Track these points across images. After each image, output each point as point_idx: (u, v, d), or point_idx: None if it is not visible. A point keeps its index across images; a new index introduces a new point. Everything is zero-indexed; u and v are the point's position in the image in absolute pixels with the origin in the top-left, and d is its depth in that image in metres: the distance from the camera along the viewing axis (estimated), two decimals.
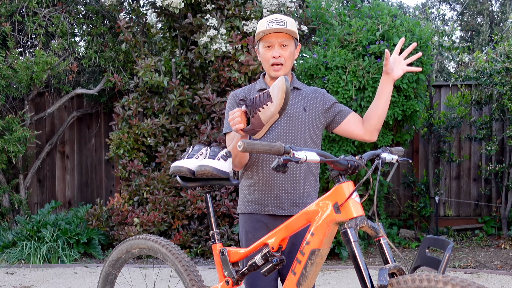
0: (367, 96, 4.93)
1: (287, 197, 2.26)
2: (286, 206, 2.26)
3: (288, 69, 2.29)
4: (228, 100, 2.38)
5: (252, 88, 2.37)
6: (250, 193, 2.31)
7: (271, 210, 2.27)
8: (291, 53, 2.27)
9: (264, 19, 2.25)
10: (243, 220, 2.33)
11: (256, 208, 2.29)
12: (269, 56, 2.25)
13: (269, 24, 2.21)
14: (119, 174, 5.70)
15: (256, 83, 2.40)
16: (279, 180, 2.26)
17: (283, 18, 2.23)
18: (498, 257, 5.30)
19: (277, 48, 2.24)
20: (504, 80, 5.58)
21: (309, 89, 2.39)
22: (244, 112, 1.97)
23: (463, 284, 1.40)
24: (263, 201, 2.27)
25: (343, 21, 5.40)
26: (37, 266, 5.11)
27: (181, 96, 5.47)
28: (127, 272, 4.58)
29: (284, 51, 2.25)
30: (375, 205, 1.66)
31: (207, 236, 5.36)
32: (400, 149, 2.07)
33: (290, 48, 2.26)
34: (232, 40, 5.24)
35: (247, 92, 2.35)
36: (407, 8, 13.31)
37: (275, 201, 2.26)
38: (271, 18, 2.23)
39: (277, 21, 2.20)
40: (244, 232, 2.32)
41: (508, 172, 6.09)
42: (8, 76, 5.61)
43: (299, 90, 2.34)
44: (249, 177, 2.31)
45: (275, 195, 2.26)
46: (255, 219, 2.29)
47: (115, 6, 5.76)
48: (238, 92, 2.37)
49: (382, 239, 1.71)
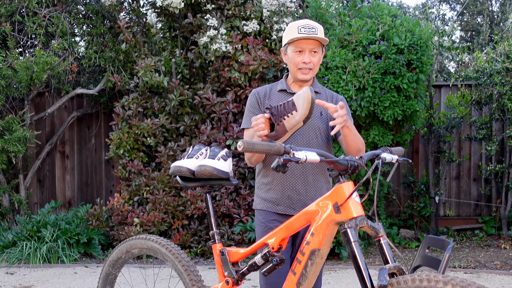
0: (367, 96, 4.93)
1: (299, 198, 2.34)
2: (297, 207, 2.32)
3: (315, 73, 2.38)
4: (249, 97, 2.45)
5: (273, 88, 2.44)
6: (265, 191, 2.40)
7: (282, 210, 2.35)
8: (320, 59, 2.36)
9: (295, 23, 2.31)
10: (259, 214, 2.42)
11: (269, 206, 2.38)
12: (299, 60, 2.32)
13: (301, 29, 2.27)
14: (119, 174, 5.70)
15: (278, 83, 2.47)
16: (292, 181, 2.33)
17: (314, 25, 2.29)
18: (498, 257, 5.30)
19: (308, 54, 2.31)
20: (504, 80, 5.58)
21: (328, 93, 2.47)
22: (268, 119, 2.06)
23: (463, 284, 1.40)
24: (276, 200, 2.35)
25: (343, 21, 5.40)
26: (37, 266, 5.11)
27: (181, 96, 5.47)
28: (127, 272, 4.58)
29: (313, 57, 2.32)
30: (375, 205, 1.66)
31: (207, 236, 5.36)
32: (400, 149, 2.07)
33: (319, 54, 2.34)
34: (232, 40, 5.24)
35: (268, 91, 2.42)
36: (407, 8, 13.31)
37: (287, 201, 2.34)
38: (303, 23, 2.28)
39: (309, 27, 2.27)
40: (260, 224, 2.40)
41: (508, 172, 6.09)
42: (8, 76, 5.60)
43: (318, 94, 2.41)
44: (265, 175, 2.40)
45: (287, 195, 2.34)
46: (269, 214, 2.37)
47: (115, 6, 5.76)
48: (260, 90, 2.44)
49: (382, 239, 1.71)
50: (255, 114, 2.37)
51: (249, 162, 2.36)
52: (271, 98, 2.40)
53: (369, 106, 4.98)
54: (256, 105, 2.40)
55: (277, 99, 2.39)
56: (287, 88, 2.40)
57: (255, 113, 2.38)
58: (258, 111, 2.39)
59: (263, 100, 2.40)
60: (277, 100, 2.38)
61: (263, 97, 2.41)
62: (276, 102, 2.37)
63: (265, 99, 2.40)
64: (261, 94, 2.42)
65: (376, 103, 4.99)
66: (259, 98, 2.41)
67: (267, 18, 5.36)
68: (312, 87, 2.38)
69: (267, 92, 2.42)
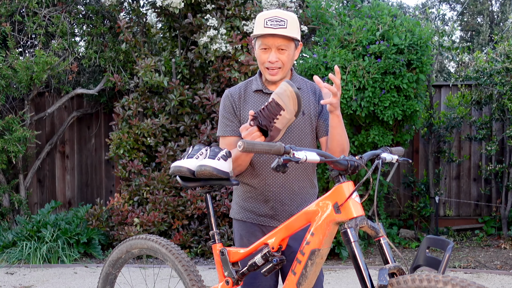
0: (367, 96, 4.93)
1: (283, 209, 2.20)
2: (282, 218, 2.18)
3: (285, 72, 2.14)
4: (222, 99, 2.23)
5: (248, 87, 2.23)
6: (244, 200, 2.24)
7: (265, 221, 2.21)
8: (290, 55, 2.09)
9: (263, 14, 2.06)
10: (238, 225, 2.27)
11: (249, 217, 2.23)
12: (264, 58, 2.09)
13: (267, 22, 2.03)
14: (119, 174, 5.70)
15: (251, 81, 2.24)
16: (276, 191, 2.18)
17: (284, 16, 2.03)
18: (498, 257, 5.30)
19: (274, 52, 2.07)
20: (504, 80, 5.58)
21: (310, 86, 2.25)
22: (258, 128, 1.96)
23: (463, 284, 1.40)
24: (258, 210, 2.21)
25: (343, 21, 5.40)
26: (37, 266, 5.11)
27: (181, 96, 5.47)
28: (127, 272, 4.58)
29: (282, 55, 2.07)
30: (375, 205, 1.66)
31: (207, 236, 5.36)
32: (400, 149, 2.06)
33: (289, 51, 2.08)
34: (232, 40, 5.24)
35: (243, 92, 2.22)
36: (407, 8, 13.32)
37: (271, 212, 2.20)
38: (271, 15, 2.04)
39: (277, 21, 2.01)
40: (239, 236, 2.27)
41: (508, 172, 6.09)
42: (8, 76, 5.60)
43: (299, 90, 2.20)
44: (245, 183, 2.23)
45: (270, 206, 2.19)
46: (250, 224, 2.23)
47: (115, 6, 5.76)
48: (233, 91, 2.23)
49: (382, 239, 1.70)
50: (231, 120, 2.19)
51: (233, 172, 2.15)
52: (247, 100, 2.19)
53: (369, 106, 4.98)
54: (231, 109, 2.19)
55: (254, 101, 2.19)
56: (263, 88, 2.18)
57: (230, 119, 2.19)
58: (234, 116, 2.19)
59: (238, 103, 2.19)
60: (254, 102, 2.18)
61: (238, 100, 2.19)
62: (254, 104, 2.17)
63: (240, 102, 2.19)
64: (235, 96, 2.19)
65: (376, 103, 4.99)
66: (234, 101, 2.19)
67: None
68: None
69: (242, 94, 2.20)
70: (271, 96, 1.97)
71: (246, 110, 2.18)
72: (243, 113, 2.19)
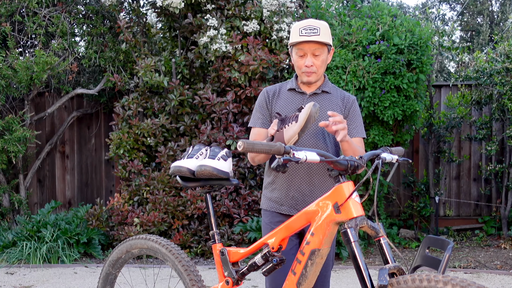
0: (367, 96, 4.93)
1: (303, 199, 2.32)
2: (301, 208, 2.29)
3: (320, 75, 2.35)
4: (259, 95, 2.47)
5: (283, 86, 2.45)
6: (270, 191, 2.40)
7: (286, 210, 2.34)
8: (323, 60, 2.31)
9: (297, 24, 2.27)
10: (264, 215, 2.43)
11: (273, 206, 2.38)
12: (301, 64, 2.30)
13: (302, 31, 2.23)
14: (119, 174, 5.70)
15: (288, 81, 2.46)
16: (298, 182, 2.32)
17: (317, 25, 2.24)
18: (498, 257, 5.30)
19: (310, 57, 2.28)
20: (504, 80, 5.58)
21: (340, 94, 2.43)
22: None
23: (463, 284, 1.40)
24: (280, 200, 2.35)
25: (343, 21, 5.40)
26: (37, 266, 5.11)
27: (181, 96, 5.47)
28: (127, 272, 4.58)
29: (316, 60, 2.29)
30: (375, 205, 1.67)
31: (207, 236, 5.36)
32: (400, 149, 2.07)
33: (322, 56, 2.29)
34: (232, 40, 5.24)
35: (278, 90, 2.43)
36: (407, 8, 13.33)
37: (291, 202, 2.33)
38: (304, 24, 2.24)
39: (310, 29, 2.22)
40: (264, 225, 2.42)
41: (508, 172, 6.09)
42: (8, 76, 5.60)
43: (329, 94, 2.39)
44: (270, 174, 2.40)
45: (291, 196, 2.33)
46: (274, 214, 2.38)
47: (115, 6, 5.76)
48: (270, 89, 2.45)
49: (382, 239, 1.71)
50: (262, 113, 2.41)
51: (252, 161, 2.36)
52: (280, 97, 2.41)
53: (369, 106, 4.98)
54: (264, 104, 2.41)
55: (286, 98, 2.40)
56: (296, 87, 2.40)
57: (262, 112, 2.41)
58: (266, 110, 2.41)
59: (272, 99, 2.42)
60: (286, 98, 2.40)
61: (272, 96, 2.42)
62: (285, 100, 2.39)
63: (273, 98, 2.41)
64: (270, 93, 2.42)
65: (376, 103, 4.99)
66: (268, 97, 2.42)
67: (267, 18, 5.36)
68: (323, 86, 2.38)
69: (277, 91, 2.43)
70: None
71: (278, 105, 2.40)
72: (275, 108, 2.40)
